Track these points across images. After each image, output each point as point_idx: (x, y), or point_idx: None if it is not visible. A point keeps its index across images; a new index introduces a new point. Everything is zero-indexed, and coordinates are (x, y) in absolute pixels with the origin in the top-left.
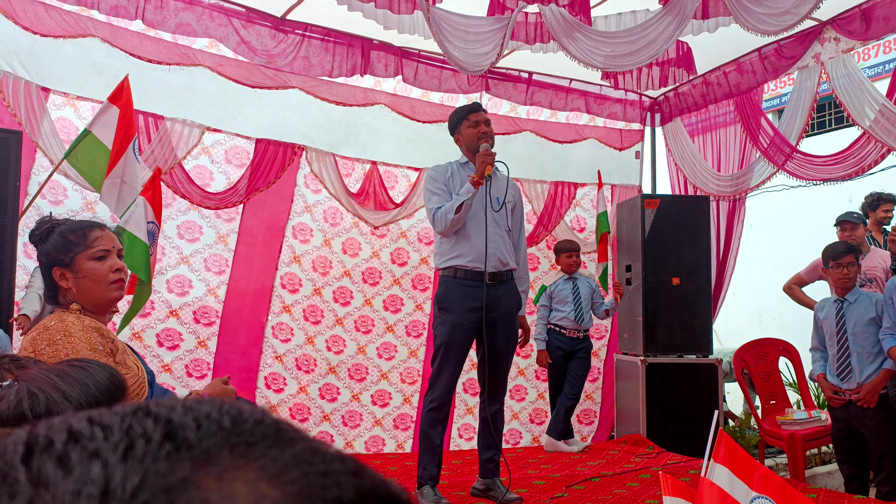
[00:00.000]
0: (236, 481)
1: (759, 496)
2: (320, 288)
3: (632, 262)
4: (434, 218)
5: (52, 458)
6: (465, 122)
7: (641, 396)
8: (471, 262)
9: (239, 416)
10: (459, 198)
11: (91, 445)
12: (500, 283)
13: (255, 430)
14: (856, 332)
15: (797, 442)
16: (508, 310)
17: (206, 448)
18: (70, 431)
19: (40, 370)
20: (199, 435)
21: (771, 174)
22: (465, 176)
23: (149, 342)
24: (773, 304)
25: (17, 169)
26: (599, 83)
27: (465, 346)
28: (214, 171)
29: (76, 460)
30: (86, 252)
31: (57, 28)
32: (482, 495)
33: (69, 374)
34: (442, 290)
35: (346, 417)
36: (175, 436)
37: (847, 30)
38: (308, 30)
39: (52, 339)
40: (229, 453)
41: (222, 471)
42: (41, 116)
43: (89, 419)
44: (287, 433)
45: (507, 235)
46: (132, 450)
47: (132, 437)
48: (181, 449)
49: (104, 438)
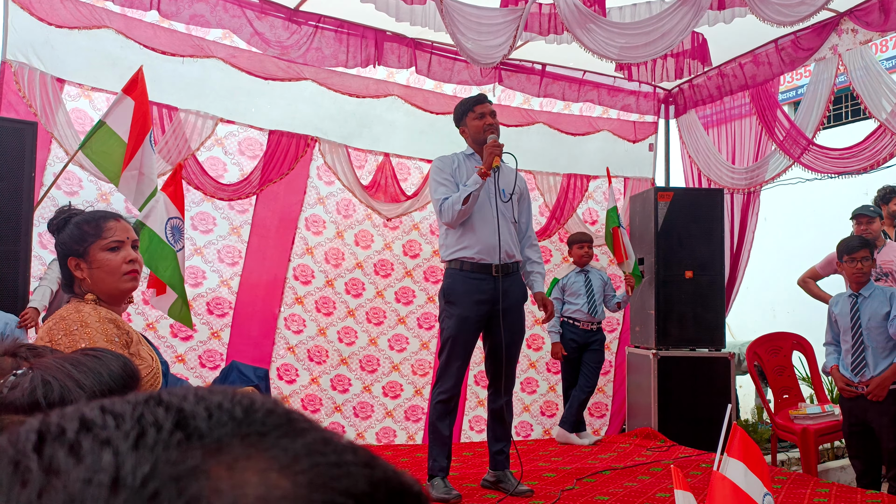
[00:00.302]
0: (247, 471)
1: (768, 493)
2: (333, 280)
3: (644, 256)
4: (441, 209)
5: (64, 447)
6: (470, 113)
7: (653, 390)
8: (477, 254)
9: (251, 406)
10: (467, 189)
11: (102, 434)
12: (507, 275)
13: (266, 419)
14: (870, 327)
15: (810, 436)
16: (516, 302)
17: (218, 437)
18: (82, 420)
19: (54, 359)
20: (211, 424)
21: (787, 167)
22: (471, 167)
23: (163, 332)
24: (786, 297)
25: (32, 159)
26: (613, 75)
27: (472, 339)
28: (228, 163)
29: (87, 448)
30: (99, 242)
31: (72, 19)
32: (493, 487)
33: (83, 362)
34: (448, 282)
35: (358, 409)
36: (186, 425)
37: (865, 21)
38: (321, 21)
39: (69, 329)
40: (240, 443)
41: (233, 460)
42: (56, 107)
43: (101, 408)
44: (299, 423)
45: (513, 228)
46: (143, 438)
47: (143, 426)
48: (192, 438)
49: (116, 427)
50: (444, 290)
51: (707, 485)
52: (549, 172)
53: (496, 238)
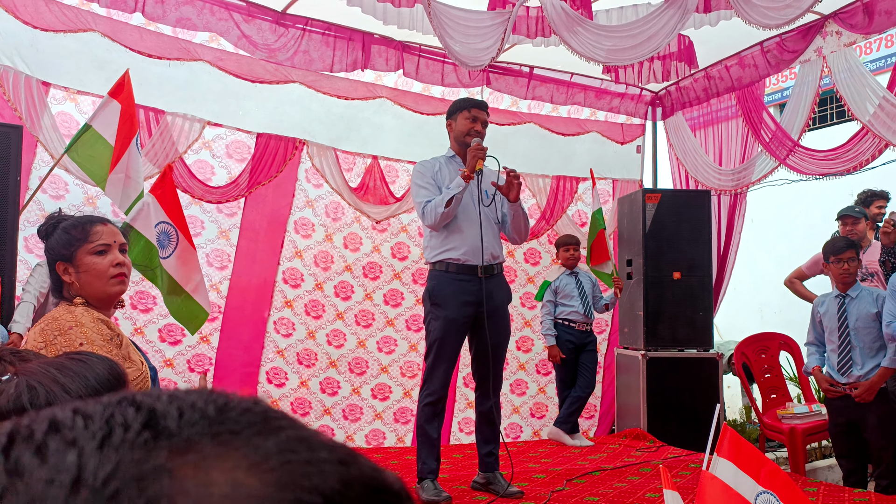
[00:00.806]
0: (213, 469)
1: (764, 491)
2: (322, 283)
3: (633, 257)
4: (424, 212)
5: (31, 448)
6: (465, 111)
7: (642, 391)
8: (463, 255)
9: (225, 405)
10: (450, 191)
11: (70, 435)
12: (492, 276)
13: (240, 418)
14: (858, 328)
15: (798, 436)
16: (501, 303)
17: (187, 437)
18: (52, 421)
19: (39, 364)
20: (181, 423)
21: (773, 168)
22: (453, 170)
23: (150, 337)
24: (773, 298)
25: (17, 163)
26: (601, 77)
27: (458, 340)
28: (216, 166)
29: (53, 449)
30: (86, 246)
31: (57, 22)
32: (483, 489)
33: (69, 367)
34: (433, 283)
35: (347, 411)
36: (156, 424)
37: (849, 23)
38: (309, 24)
39: (63, 329)
40: (210, 441)
41: (200, 459)
42: (42, 111)
43: (74, 409)
44: (275, 422)
45: (496, 229)
46: (109, 438)
47: (111, 426)
48: (160, 437)
49: (84, 427)
50: (430, 291)
51: (696, 485)
52: (539, 175)
53: (481, 239)
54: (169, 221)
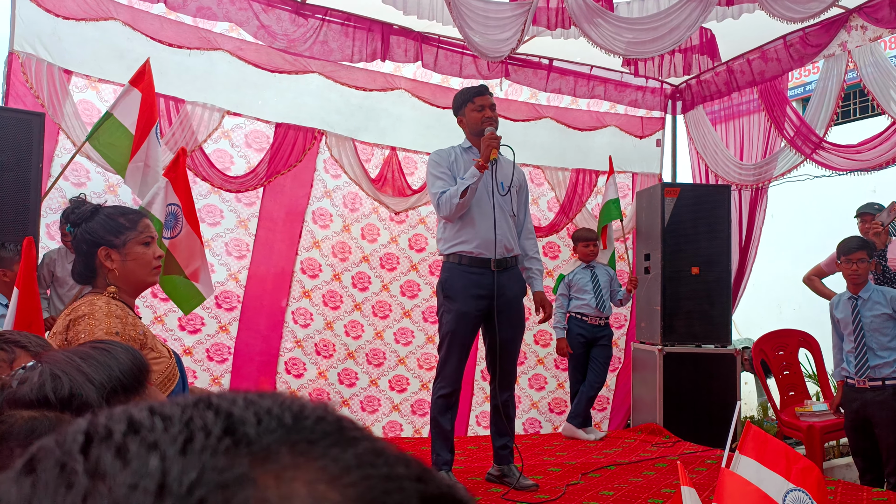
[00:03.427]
0: (295, 481)
1: (795, 489)
2: (339, 273)
3: (651, 251)
4: (439, 202)
5: (111, 449)
6: (469, 104)
7: (658, 386)
8: (476, 248)
9: (300, 413)
10: (465, 182)
11: (150, 437)
12: (506, 269)
13: (316, 427)
14: (872, 329)
15: (815, 434)
16: (514, 296)
17: (266, 444)
18: (130, 422)
19: (63, 352)
20: (259, 430)
21: (798, 163)
22: (468, 160)
23: (170, 325)
24: (792, 295)
25: (39, 151)
26: (620, 70)
27: (471, 333)
28: (234, 155)
29: (134, 452)
30: (137, 237)
31: (78, 11)
32: (497, 481)
33: (92, 356)
34: (445, 276)
35: (365, 402)
36: (235, 430)
37: (875, 17)
38: (328, 14)
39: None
40: (289, 451)
41: (281, 469)
42: (63, 98)
43: (150, 409)
44: (350, 432)
45: (511, 221)
46: (191, 443)
47: (192, 430)
48: (240, 444)
49: (164, 430)
50: (443, 284)
51: (713, 481)
52: (558, 167)
53: (494, 232)
54: (178, 204)
